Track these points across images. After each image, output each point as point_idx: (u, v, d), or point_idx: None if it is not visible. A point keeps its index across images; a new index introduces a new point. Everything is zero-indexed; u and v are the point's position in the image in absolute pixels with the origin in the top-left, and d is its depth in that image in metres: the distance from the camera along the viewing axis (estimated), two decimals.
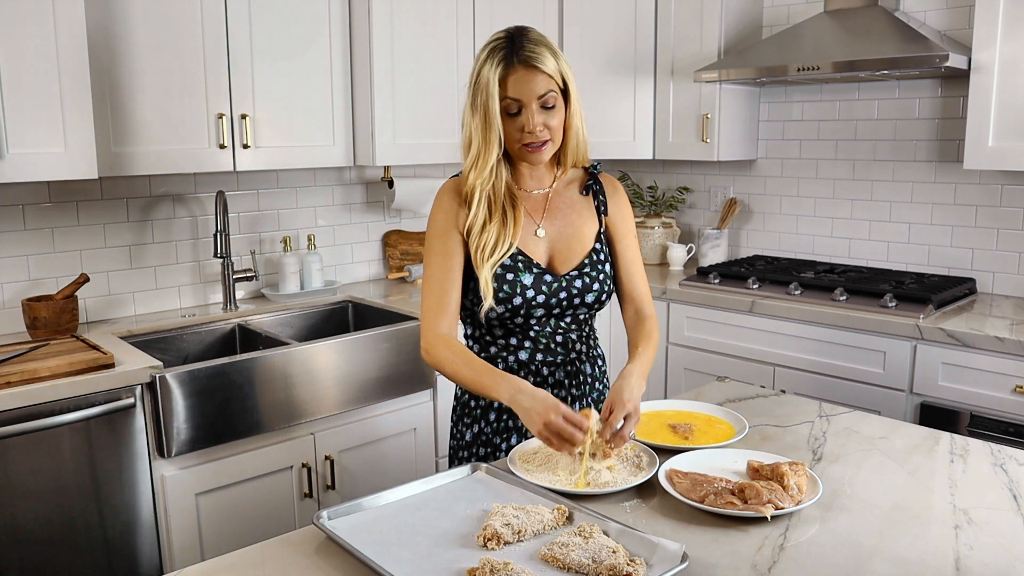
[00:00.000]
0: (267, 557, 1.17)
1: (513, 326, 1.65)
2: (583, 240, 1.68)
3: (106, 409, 2.06)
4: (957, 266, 2.99)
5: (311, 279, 3.00)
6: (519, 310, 1.61)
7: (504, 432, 1.68)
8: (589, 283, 1.65)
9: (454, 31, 3.00)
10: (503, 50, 1.54)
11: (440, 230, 1.64)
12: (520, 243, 1.64)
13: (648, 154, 3.46)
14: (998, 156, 2.55)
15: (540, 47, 1.54)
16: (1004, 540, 1.20)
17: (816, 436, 1.61)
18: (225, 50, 2.52)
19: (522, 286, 1.60)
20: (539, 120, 1.55)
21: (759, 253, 3.55)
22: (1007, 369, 2.35)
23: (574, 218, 1.70)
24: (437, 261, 1.63)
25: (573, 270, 1.65)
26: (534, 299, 1.61)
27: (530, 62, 1.53)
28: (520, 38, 1.55)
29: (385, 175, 3.23)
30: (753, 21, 3.35)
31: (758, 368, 2.90)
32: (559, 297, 1.63)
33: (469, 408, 1.72)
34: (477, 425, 1.70)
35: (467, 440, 1.72)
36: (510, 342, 1.67)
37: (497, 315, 1.62)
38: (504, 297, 1.60)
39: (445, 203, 1.65)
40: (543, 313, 1.63)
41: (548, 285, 1.62)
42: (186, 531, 2.23)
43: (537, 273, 1.62)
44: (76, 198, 2.58)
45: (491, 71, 1.53)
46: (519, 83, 1.53)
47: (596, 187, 1.73)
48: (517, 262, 1.62)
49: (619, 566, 1.06)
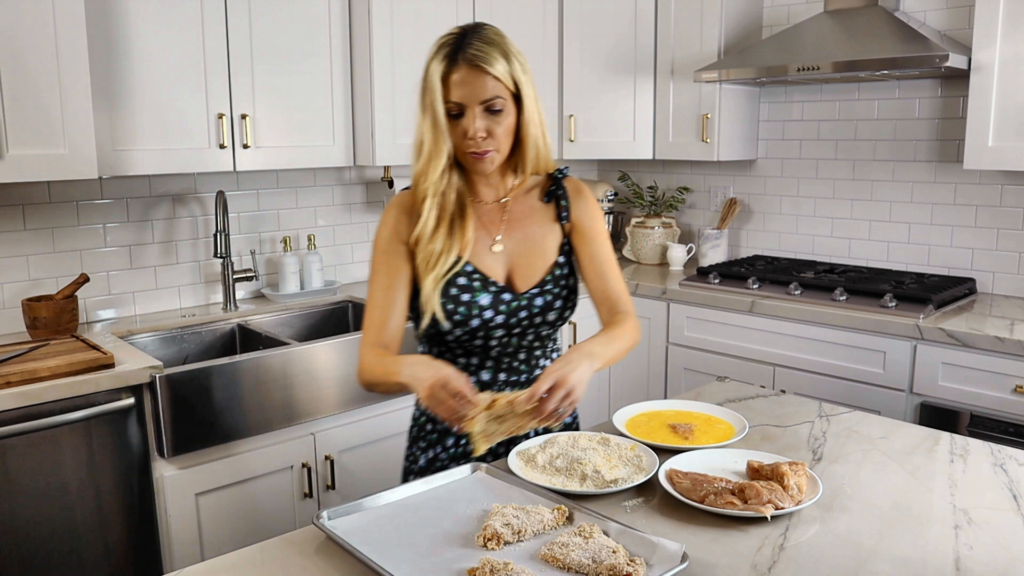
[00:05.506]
0: (267, 557, 1.17)
1: (472, 347, 1.55)
2: (544, 254, 1.57)
3: (106, 409, 2.06)
4: (957, 266, 2.99)
5: (311, 279, 3.00)
6: (477, 332, 1.52)
7: (462, 458, 1.58)
8: (551, 300, 1.55)
9: None
10: (449, 46, 1.43)
11: (383, 247, 1.54)
12: (475, 259, 1.53)
13: (648, 154, 3.46)
14: (998, 156, 2.55)
15: (490, 47, 1.42)
16: (1004, 540, 1.20)
17: (816, 436, 1.61)
18: (225, 50, 2.52)
19: (479, 307, 1.50)
20: (481, 125, 1.43)
21: (759, 253, 3.55)
22: (1007, 369, 2.35)
23: (534, 230, 1.58)
24: (378, 281, 1.53)
25: (534, 287, 1.55)
26: (492, 319, 1.51)
27: (474, 61, 1.40)
28: (471, 35, 1.43)
29: (385, 175, 3.23)
30: (753, 21, 3.35)
31: (758, 368, 2.90)
32: (519, 317, 1.53)
33: (425, 432, 1.63)
34: (432, 450, 1.62)
35: (420, 465, 1.62)
36: (471, 362, 1.57)
37: (455, 337, 1.53)
38: (460, 320, 1.50)
39: (390, 217, 1.54)
40: (503, 333, 1.53)
41: (507, 304, 1.52)
42: (186, 531, 2.23)
43: (495, 292, 1.52)
44: (76, 198, 2.58)
45: (436, 68, 1.43)
46: (461, 84, 1.41)
47: (559, 192, 1.61)
48: (473, 281, 1.52)
49: (619, 566, 1.06)
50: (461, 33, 1.45)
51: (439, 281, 1.50)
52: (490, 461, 1.50)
